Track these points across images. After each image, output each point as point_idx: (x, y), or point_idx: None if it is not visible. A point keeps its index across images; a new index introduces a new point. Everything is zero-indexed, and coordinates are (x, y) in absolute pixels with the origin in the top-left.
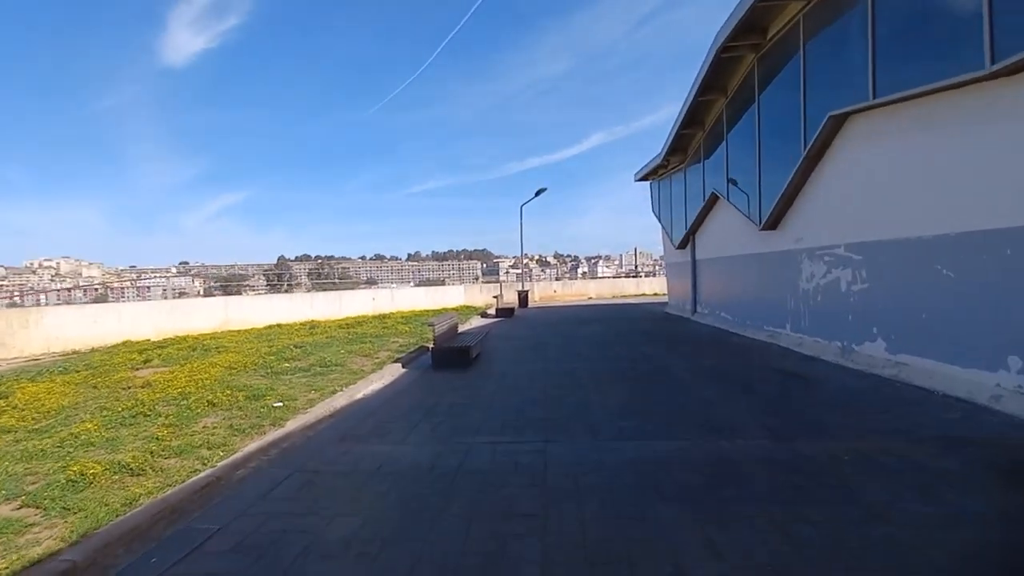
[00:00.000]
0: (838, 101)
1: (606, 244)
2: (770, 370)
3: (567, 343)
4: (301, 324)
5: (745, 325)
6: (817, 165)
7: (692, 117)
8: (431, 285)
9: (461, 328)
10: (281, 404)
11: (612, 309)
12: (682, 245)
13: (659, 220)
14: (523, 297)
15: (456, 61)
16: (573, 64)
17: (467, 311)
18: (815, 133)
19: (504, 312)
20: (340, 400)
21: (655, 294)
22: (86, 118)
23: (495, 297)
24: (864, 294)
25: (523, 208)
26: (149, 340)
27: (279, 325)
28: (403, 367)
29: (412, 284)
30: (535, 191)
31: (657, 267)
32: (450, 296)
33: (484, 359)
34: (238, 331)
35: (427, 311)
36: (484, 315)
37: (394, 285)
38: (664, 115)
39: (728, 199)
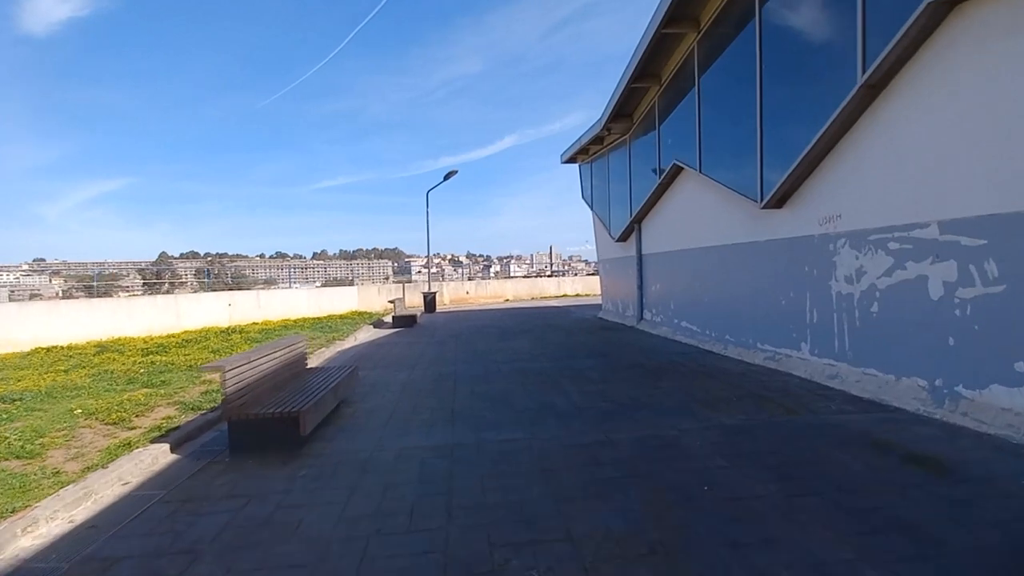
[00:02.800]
0: None
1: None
2: (864, 447)
3: (486, 375)
4: (88, 344)
5: (723, 341)
6: (882, 93)
7: (647, 64)
8: (334, 286)
9: (323, 353)
10: None
11: (535, 314)
12: (623, 237)
13: (591, 208)
14: (430, 300)
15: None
16: (488, 65)
17: (356, 320)
18: (894, 38)
19: (403, 320)
20: None
21: (577, 295)
22: None
23: (392, 302)
24: (989, 303)
25: (436, 205)
26: None
27: (48, 349)
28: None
29: (317, 284)
30: (444, 175)
31: (567, 267)
32: (340, 299)
33: (341, 423)
34: None
35: (304, 320)
36: (379, 324)
37: (296, 285)
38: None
39: (700, 170)
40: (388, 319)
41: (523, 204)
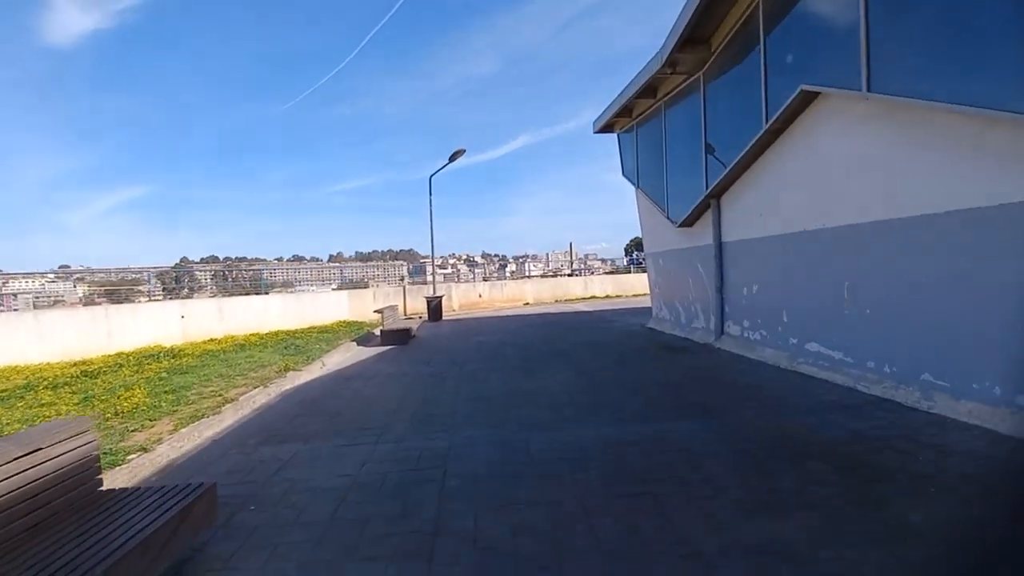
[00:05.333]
0: None
1: (532, 245)
2: None
3: (504, 471)
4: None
5: (918, 385)
6: None
7: None
8: (350, 288)
9: (249, 400)
10: None
11: (566, 324)
12: (689, 221)
13: (636, 186)
14: (435, 306)
15: (382, 56)
16: (499, 65)
17: (339, 334)
18: None
19: (394, 336)
20: None
21: (607, 296)
22: None
23: (380, 312)
24: None
25: (450, 206)
26: None
27: None
28: None
29: (334, 286)
30: (449, 156)
31: (583, 266)
32: (327, 306)
33: None
34: None
35: (276, 334)
36: (366, 340)
37: (314, 288)
38: (589, 117)
39: (869, 88)
40: (378, 332)
41: (537, 204)
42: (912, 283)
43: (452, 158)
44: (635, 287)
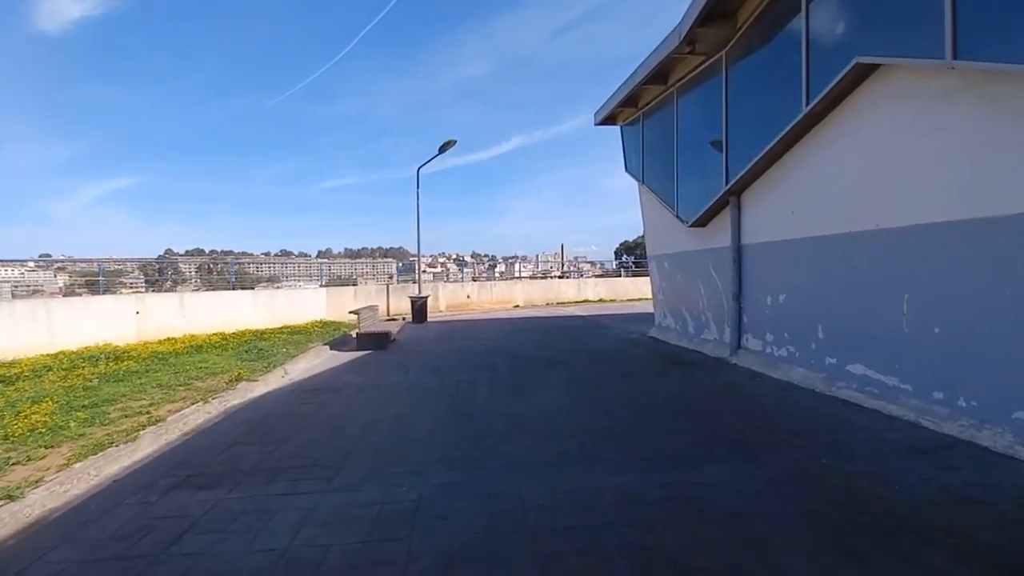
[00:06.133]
0: None
1: (521, 246)
2: None
3: (489, 540)
4: None
5: (999, 423)
6: None
7: None
8: (337, 285)
9: (182, 421)
10: None
11: (560, 330)
12: (702, 220)
13: (641, 182)
14: (419, 307)
15: (378, 55)
16: (495, 68)
17: (312, 335)
18: None
19: (371, 340)
20: None
21: (601, 300)
22: None
23: (356, 313)
24: None
25: (442, 206)
26: None
27: None
28: None
29: (321, 283)
30: (439, 147)
31: (573, 268)
32: (303, 304)
33: None
34: None
35: (243, 333)
36: (340, 343)
37: (300, 284)
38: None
39: (955, 56)
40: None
41: (528, 206)
42: (1003, 298)
43: (442, 149)
44: (629, 291)
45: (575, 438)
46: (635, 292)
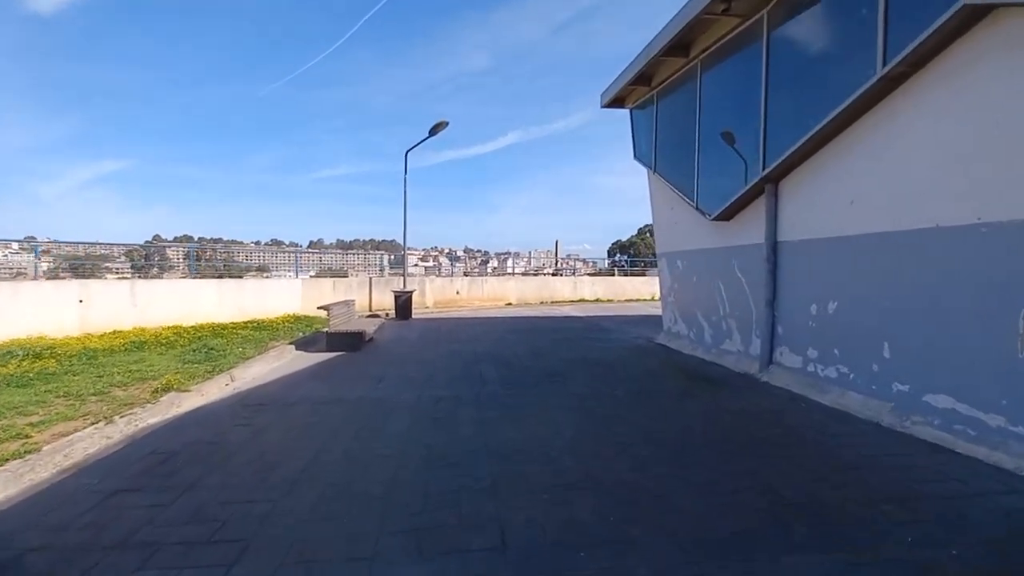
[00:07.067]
0: None
1: (515, 243)
2: None
3: None
4: None
5: None
6: None
7: None
8: (328, 276)
9: (70, 451)
10: None
11: (557, 333)
12: (727, 214)
13: (653, 170)
14: (403, 303)
15: (375, 44)
16: (494, 62)
17: (281, 332)
18: None
19: (342, 341)
20: None
21: (598, 300)
22: None
23: (326, 308)
24: None
25: (437, 200)
26: None
27: None
28: None
29: (311, 273)
30: (430, 129)
31: (565, 266)
32: (273, 296)
33: None
34: None
35: (200, 327)
36: (310, 342)
37: (289, 274)
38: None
39: None
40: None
41: (523, 202)
42: None
43: (433, 131)
44: (627, 291)
45: (588, 497)
46: (633, 293)
